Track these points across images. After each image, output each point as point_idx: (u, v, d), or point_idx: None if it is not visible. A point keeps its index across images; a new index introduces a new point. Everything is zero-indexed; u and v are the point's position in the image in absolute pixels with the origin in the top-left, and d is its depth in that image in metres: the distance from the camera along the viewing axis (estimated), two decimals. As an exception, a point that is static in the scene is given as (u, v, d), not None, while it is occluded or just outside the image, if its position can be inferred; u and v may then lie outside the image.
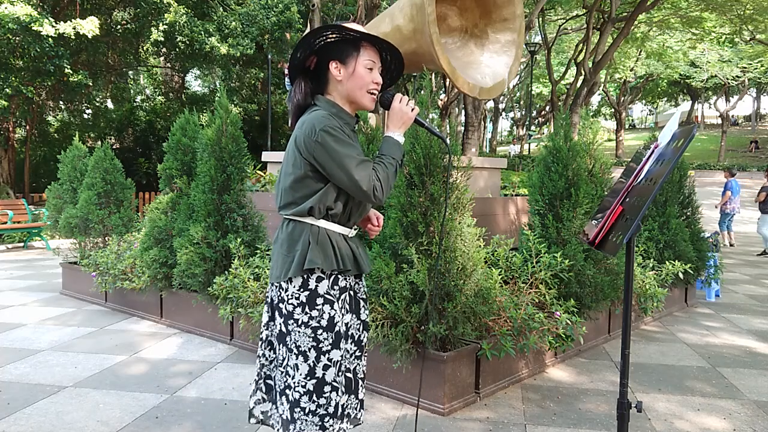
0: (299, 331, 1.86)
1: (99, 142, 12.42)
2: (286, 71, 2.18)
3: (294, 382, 1.88)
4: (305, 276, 1.86)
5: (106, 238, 6.20)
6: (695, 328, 5.21)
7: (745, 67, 28.43)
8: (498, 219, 5.43)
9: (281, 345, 1.93)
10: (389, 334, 3.19)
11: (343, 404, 1.97)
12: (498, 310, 3.54)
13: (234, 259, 4.22)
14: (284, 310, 1.89)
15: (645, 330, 5.11)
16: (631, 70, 30.51)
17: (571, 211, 4.16)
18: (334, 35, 1.88)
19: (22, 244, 10.88)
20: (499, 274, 3.62)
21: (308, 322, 1.86)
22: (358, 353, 2.05)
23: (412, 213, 3.26)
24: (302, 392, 1.87)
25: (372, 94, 1.93)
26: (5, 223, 10.49)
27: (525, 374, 3.74)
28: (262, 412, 2.07)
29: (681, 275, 5.29)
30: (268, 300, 2.01)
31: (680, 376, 3.86)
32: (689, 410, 3.29)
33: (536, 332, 3.46)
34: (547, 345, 3.63)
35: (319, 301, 1.86)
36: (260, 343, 2.05)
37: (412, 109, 1.94)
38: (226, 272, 4.22)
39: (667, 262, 5.21)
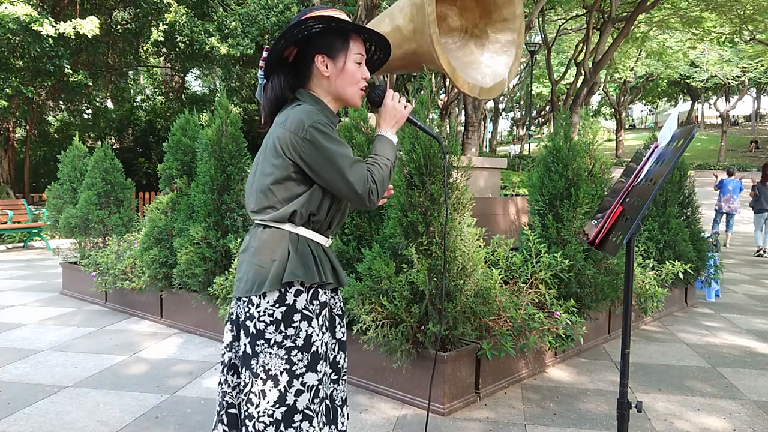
0: (270, 352, 1.64)
1: (99, 142, 12.42)
2: (261, 64, 1.89)
3: (258, 411, 1.63)
4: (282, 290, 1.65)
5: (106, 238, 6.21)
6: (695, 328, 5.21)
7: (745, 67, 28.46)
8: (498, 219, 5.43)
9: (245, 369, 1.68)
10: (389, 334, 3.19)
11: None
12: (498, 310, 3.54)
13: (234, 259, 4.22)
14: (252, 329, 1.66)
15: (645, 330, 5.11)
16: (631, 70, 30.53)
17: (571, 211, 4.16)
18: (319, 26, 1.68)
19: (22, 244, 10.88)
20: (499, 274, 3.62)
21: (282, 341, 1.64)
22: (334, 376, 1.84)
23: (412, 213, 3.26)
24: (268, 422, 1.62)
25: (361, 90, 1.78)
26: (5, 223, 10.49)
27: (525, 374, 3.74)
28: None
29: (681, 275, 5.29)
30: (233, 317, 1.78)
31: (680, 376, 3.86)
32: (689, 410, 3.29)
33: (536, 332, 3.46)
34: (547, 345, 3.63)
35: (297, 317, 1.65)
36: (222, 367, 1.80)
37: (405, 107, 1.79)
38: (226, 272, 4.22)
39: (667, 262, 5.21)
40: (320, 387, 1.70)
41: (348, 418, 1.93)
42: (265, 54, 1.71)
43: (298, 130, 1.61)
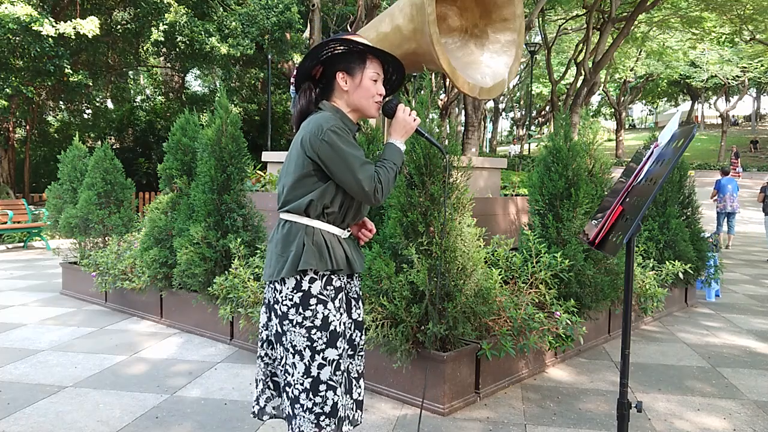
0: (294, 331, 1.91)
1: (99, 142, 12.42)
2: (292, 80, 2.17)
3: (293, 380, 1.93)
4: (298, 277, 1.90)
5: (106, 238, 6.20)
6: (695, 328, 5.21)
7: (745, 67, 28.45)
8: (498, 219, 5.43)
9: (279, 344, 1.97)
10: (389, 334, 3.19)
11: (342, 404, 1.99)
12: (498, 310, 3.54)
13: (234, 259, 4.22)
14: (279, 311, 1.94)
15: (645, 330, 5.11)
16: (631, 70, 30.53)
17: (571, 211, 4.16)
18: (341, 48, 1.95)
19: (22, 244, 10.88)
20: (499, 274, 3.62)
21: (302, 322, 1.90)
22: (350, 352, 2.07)
23: (412, 213, 3.26)
24: (300, 389, 1.91)
25: (377, 103, 2.01)
26: (5, 223, 10.49)
27: (525, 374, 3.74)
28: (274, 408, 2.12)
29: (681, 275, 5.29)
30: (266, 301, 2.04)
31: (680, 376, 3.86)
32: (689, 410, 3.29)
33: (536, 332, 3.46)
34: (547, 345, 3.63)
35: (313, 301, 1.91)
36: (260, 343, 2.08)
37: (414, 119, 2.01)
38: (226, 272, 4.22)
39: (667, 262, 5.21)
40: (341, 361, 1.95)
41: (363, 390, 2.16)
42: (295, 72, 2.00)
43: (317, 133, 1.86)
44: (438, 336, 3.19)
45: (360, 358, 2.13)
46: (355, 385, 2.11)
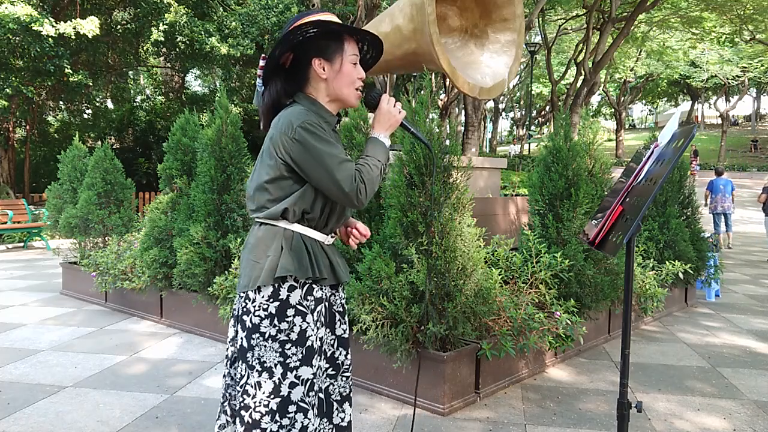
0: (265, 345, 1.69)
1: (99, 142, 12.42)
2: (259, 72, 1.94)
3: (255, 402, 1.69)
4: (276, 285, 1.69)
5: (106, 238, 6.21)
6: (695, 328, 5.21)
7: (745, 67, 28.46)
8: (498, 219, 5.43)
9: (241, 362, 1.74)
10: (389, 334, 3.19)
11: (315, 428, 1.77)
12: (498, 310, 3.54)
13: (234, 259, 4.22)
14: (248, 323, 1.71)
15: (645, 330, 5.11)
16: (631, 70, 30.54)
17: (571, 211, 4.16)
18: (314, 30, 1.71)
19: (22, 244, 10.88)
20: (499, 274, 3.62)
21: (276, 335, 1.69)
22: (331, 371, 1.87)
23: (412, 213, 3.26)
24: (264, 412, 1.68)
25: (357, 90, 1.80)
26: (5, 223, 10.49)
27: (525, 374, 3.74)
28: None
29: (681, 275, 5.29)
30: (234, 312, 1.83)
31: (680, 376, 3.86)
32: (689, 410, 3.29)
33: (536, 332, 3.46)
34: (547, 345, 3.63)
35: (290, 312, 1.70)
36: (226, 361, 1.87)
37: (399, 111, 1.81)
38: (226, 272, 4.22)
39: (667, 262, 5.21)
40: (315, 381, 1.74)
41: (348, 415, 1.92)
42: (262, 63, 1.77)
43: (287, 131, 1.66)
44: (438, 336, 3.19)
45: (345, 379, 1.90)
46: (338, 409, 1.88)
